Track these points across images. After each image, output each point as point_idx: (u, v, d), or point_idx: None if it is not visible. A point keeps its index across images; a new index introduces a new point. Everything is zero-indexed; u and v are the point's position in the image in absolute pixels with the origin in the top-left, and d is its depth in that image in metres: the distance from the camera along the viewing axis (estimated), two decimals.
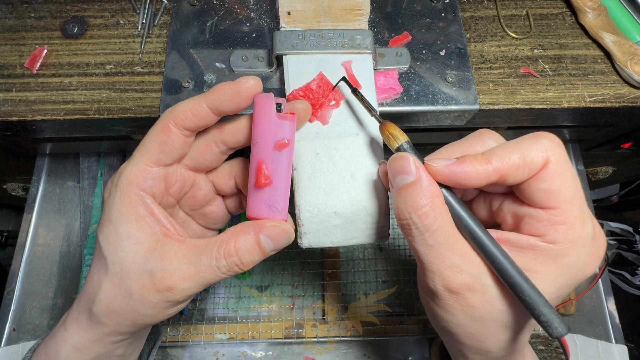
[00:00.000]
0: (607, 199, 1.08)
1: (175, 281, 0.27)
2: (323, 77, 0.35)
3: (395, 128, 0.29)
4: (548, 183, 0.25)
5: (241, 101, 0.29)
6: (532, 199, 0.26)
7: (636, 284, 1.06)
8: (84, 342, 0.29)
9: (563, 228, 0.25)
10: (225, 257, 0.28)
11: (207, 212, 0.36)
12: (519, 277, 0.24)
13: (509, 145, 0.26)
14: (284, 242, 0.29)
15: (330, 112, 0.34)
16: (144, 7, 0.43)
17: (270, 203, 0.30)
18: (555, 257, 0.25)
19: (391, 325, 0.51)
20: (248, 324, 0.51)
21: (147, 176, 0.29)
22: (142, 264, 0.28)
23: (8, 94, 0.39)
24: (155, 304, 0.28)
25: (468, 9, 0.45)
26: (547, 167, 0.25)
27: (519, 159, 0.25)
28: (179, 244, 0.29)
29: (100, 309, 0.28)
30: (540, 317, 0.24)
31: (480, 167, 0.25)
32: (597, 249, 0.26)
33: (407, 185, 0.26)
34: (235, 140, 0.32)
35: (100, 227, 0.29)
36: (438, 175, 0.26)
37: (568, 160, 0.26)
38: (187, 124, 0.29)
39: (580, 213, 0.25)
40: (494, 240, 0.26)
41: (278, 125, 0.29)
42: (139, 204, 0.29)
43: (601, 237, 0.27)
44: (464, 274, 0.25)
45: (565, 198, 0.25)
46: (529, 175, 0.25)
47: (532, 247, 0.25)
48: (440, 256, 0.25)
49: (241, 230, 0.29)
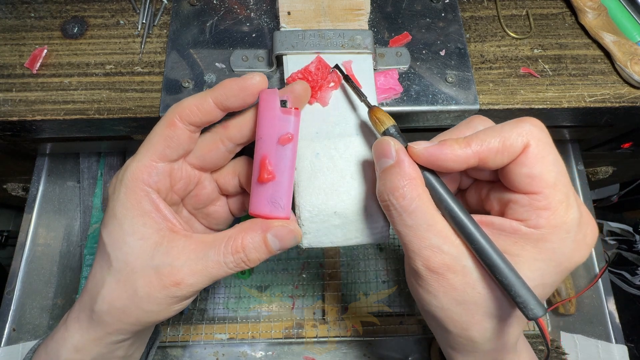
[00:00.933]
0: (607, 199, 1.08)
1: (183, 276, 0.27)
2: (321, 59, 0.35)
3: (382, 113, 0.30)
4: (528, 167, 0.25)
5: (247, 97, 0.29)
6: (515, 184, 0.26)
7: (636, 284, 1.06)
8: (84, 342, 0.29)
9: (546, 213, 0.25)
10: (232, 254, 0.28)
11: (210, 211, 0.36)
12: (497, 258, 0.24)
13: (490, 129, 0.26)
14: (291, 243, 0.29)
15: (329, 94, 0.34)
16: (144, 7, 0.43)
17: (273, 199, 0.30)
18: (536, 242, 0.25)
19: (391, 325, 0.51)
20: (248, 324, 0.51)
21: (153, 171, 0.29)
22: (148, 259, 0.28)
23: (8, 94, 0.39)
24: (161, 300, 0.28)
25: (468, 9, 0.45)
26: (527, 151, 0.25)
27: (498, 142, 0.25)
28: (185, 239, 0.29)
29: (102, 307, 0.28)
30: (517, 298, 0.24)
31: (459, 150, 0.25)
32: (585, 236, 0.26)
33: (387, 168, 0.27)
34: (242, 135, 0.32)
35: (104, 223, 0.29)
36: (419, 157, 0.27)
37: (550, 144, 0.26)
38: (192, 119, 0.29)
39: (565, 198, 0.25)
40: (474, 222, 0.26)
41: (282, 119, 0.29)
42: (145, 199, 0.28)
43: (589, 223, 0.26)
44: (444, 254, 0.26)
45: (548, 183, 0.25)
46: (509, 159, 0.25)
47: (514, 231, 0.26)
48: (419, 236, 0.26)
49: (249, 227, 0.29)
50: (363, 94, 0.32)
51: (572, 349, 0.49)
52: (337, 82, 0.35)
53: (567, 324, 0.52)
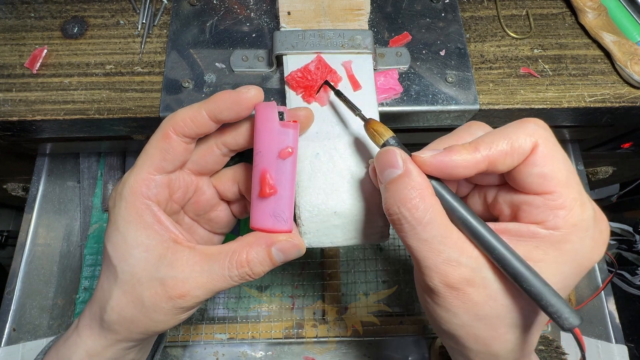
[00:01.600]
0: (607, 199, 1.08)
1: (188, 289, 0.28)
2: (321, 59, 0.35)
3: (380, 125, 0.29)
4: (540, 167, 0.24)
5: (241, 110, 0.29)
6: (527, 185, 0.25)
7: (636, 284, 1.06)
8: (96, 348, 0.30)
9: (562, 212, 0.24)
10: (237, 268, 0.28)
11: (212, 217, 0.36)
12: (521, 267, 0.23)
13: (496, 132, 0.25)
14: (294, 256, 0.30)
15: (328, 94, 0.34)
16: (144, 7, 0.43)
17: (275, 213, 0.29)
18: (557, 244, 0.24)
19: (391, 325, 0.51)
20: (248, 324, 0.51)
21: (151, 184, 0.29)
22: (153, 271, 0.28)
23: (8, 94, 0.39)
24: (167, 310, 0.28)
25: (468, 9, 0.45)
26: (536, 150, 0.24)
27: (506, 144, 0.24)
28: (189, 250, 0.29)
29: (112, 317, 0.29)
30: (549, 308, 0.22)
31: (468, 155, 0.25)
32: (601, 233, 0.25)
33: (395, 179, 0.25)
34: (236, 142, 0.32)
35: (108, 236, 0.29)
36: (426, 166, 0.25)
37: (557, 143, 0.25)
38: (186, 131, 0.29)
39: (579, 195, 0.24)
40: (491, 230, 0.24)
41: (281, 133, 0.29)
42: (146, 212, 0.29)
43: (603, 219, 0.25)
44: (463, 267, 0.24)
45: (560, 181, 0.24)
46: (519, 160, 0.25)
47: (533, 235, 0.24)
48: (435, 250, 0.24)
49: (253, 241, 0.29)
50: (357, 108, 0.31)
51: (572, 349, 0.49)
52: (335, 82, 0.35)
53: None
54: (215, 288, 0.28)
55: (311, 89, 0.34)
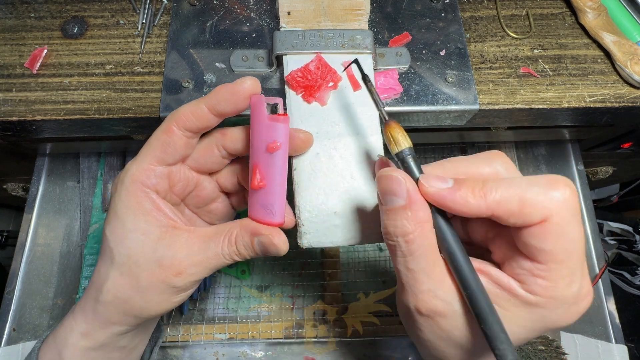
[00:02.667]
0: (607, 199, 1.08)
1: (184, 267, 0.29)
2: (321, 58, 0.35)
3: (400, 131, 0.27)
4: (539, 241, 0.23)
5: (238, 101, 0.29)
6: (520, 246, 0.25)
7: (636, 284, 1.06)
8: (90, 329, 0.31)
9: (545, 283, 0.24)
10: (228, 245, 0.30)
11: (211, 209, 0.37)
12: (486, 309, 0.24)
13: (514, 184, 0.24)
14: (273, 253, 0.30)
15: (328, 94, 0.34)
16: (144, 7, 0.43)
17: (265, 206, 0.30)
18: (530, 306, 0.24)
19: (391, 325, 0.51)
20: (248, 324, 0.51)
21: (151, 174, 0.30)
22: (150, 253, 0.29)
23: (8, 94, 0.39)
24: (163, 289, 0.29)
25: (468, 9, 0.45)
26: (544, 224, 0.23)
27: (517, 206, 0.23)
28: (188, 233, 0.30)
29: (107, 297, 0.30)
30: (495, 351, 0.24)
31: (473, 200, 0.24)
32: (578, 308, 0.25)
33: (397, 209, 0.25)
34: (234, 147, 0.33)
35: (107, 221, 0.30)
36: (429, 197, 0.25)
37: (574, 216, 0.23)
38: (188, 124, 0.30)
39: (569, 274, 0.24)
40: (472, 269, 0.25)
41: (269, 127, 0.29)
42: (145, 200, 0.30)
43: (586, 297, 0.25)
44: (438, 300, 0.25)
45: (556, 259, 0.23)
46: (522, 225, 0.24)
47: (509, 289, 0.25)
48: (417, 280, 0.26)
49: (244, 226, 0.31)
50: (382, 103, 0.29)
51: (572, 349, 0.49)
52: (335, 82, 0.35)
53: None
54: (210, 265, 0.30)
55: (311, 88, 0.34)
